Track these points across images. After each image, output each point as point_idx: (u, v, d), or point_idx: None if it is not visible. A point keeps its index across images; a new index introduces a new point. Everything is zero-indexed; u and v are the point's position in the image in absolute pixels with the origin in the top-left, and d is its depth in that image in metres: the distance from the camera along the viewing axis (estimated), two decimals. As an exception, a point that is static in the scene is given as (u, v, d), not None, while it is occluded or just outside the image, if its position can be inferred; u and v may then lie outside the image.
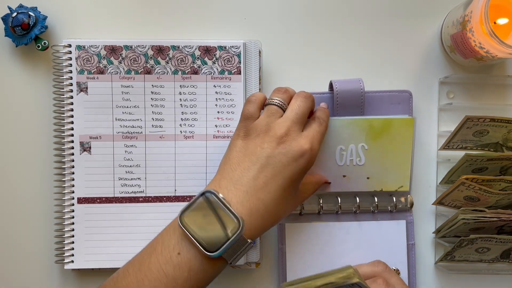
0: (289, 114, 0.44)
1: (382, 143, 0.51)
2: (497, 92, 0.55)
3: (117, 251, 0.52)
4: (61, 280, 0.54)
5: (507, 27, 0.49)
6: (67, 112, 0.52)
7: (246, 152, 0.42)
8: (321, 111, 0.48)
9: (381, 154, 0.51)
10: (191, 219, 0.39)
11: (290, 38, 0.55)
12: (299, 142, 0.42)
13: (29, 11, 0.52)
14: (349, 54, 0.55)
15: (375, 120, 0.50)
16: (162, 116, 0.52)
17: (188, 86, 0.52)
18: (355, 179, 0.51)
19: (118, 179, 0.52)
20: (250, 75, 0.53)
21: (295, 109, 0.44)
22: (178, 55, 0.52)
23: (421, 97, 0.54)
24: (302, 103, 0.45)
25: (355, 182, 0.52)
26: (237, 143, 0.43)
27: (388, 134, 0.51)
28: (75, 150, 0.52)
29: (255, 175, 0.40)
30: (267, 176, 0.41)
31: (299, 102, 0.45)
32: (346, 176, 0.51)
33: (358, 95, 0.51)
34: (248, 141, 0.43)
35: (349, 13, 0.55)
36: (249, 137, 0.43)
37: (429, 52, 0.55)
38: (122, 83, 0.52)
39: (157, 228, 0.52)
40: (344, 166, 0.51)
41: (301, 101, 0.45)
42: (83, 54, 0.52)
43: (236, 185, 0.40)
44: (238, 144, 0.43)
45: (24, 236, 0.54)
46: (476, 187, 0.47)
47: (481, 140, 0.50)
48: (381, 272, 0.46)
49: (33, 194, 0.54)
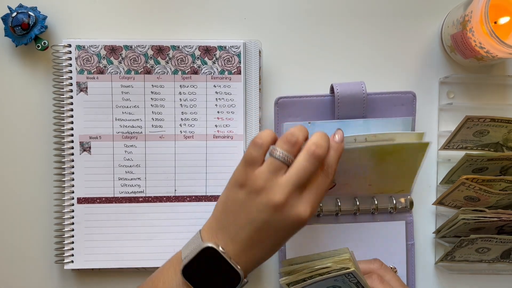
0: (292, 176, 0.40)
1: (391, 161, 0.48)
2: (497, 92, 0.55)
3: (117, 251, 0.52)
4: (61, 280, 0.54)
5: (507, 27, 0.49)
6: (67, 112, 0.52)
7: (243, 208, 0.40)
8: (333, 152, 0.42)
9: (387, 170, 0.49)
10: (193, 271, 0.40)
11: (290, 38, 0.55)
12: (298, 210, 0.40)
13: (29, 11, 0.52)
14: (349, 54, 0.55)
15: (388, 146, 0.46)
16: (162, 116, 0.52)
17: (188, 86, 0.52)
18: (356, 186, 0.51)
19: (118, 179, 0.52)
20: (250, 75, 0.53)
21: (300, 172, 0.40)
22: (178, 55, 0.52)
23: (421, 97, 0.54)
24: (308, 165, 0.40)
25: (356, 188, 0.51)
26: (235, 193, 0.41)
27: (400, 155, 0.47)
28: (75, 150, 0.52)
29: (250, 235, 0.40)
30: (262, 236, 0.40)
31: (306, 164, 0.40)
32: (347, 184, 0.51)
33: (360, 98, 0.50)
34: (246, 196, 0.40)
35: (349, 13, 0.55)
36: (248, 190, 0.40)
37: (429, 52, 0.55)
38: (122, 83, 0.52)
39: (157, 228, 0.52)
40: (347, 175, 0.50)
41: (308, 162, 0.40)
42: (83, 54, 0.51)
43: (232, 241, 0.40)
44: (236, 195, 0.41)
45: (24, 236, 0.54)
46: (476, 187, 0.47)
47: (481, 140, 0.50)
48: (377, 269, 0.47)
49: (33, 194, 0.54)
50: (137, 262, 0.52)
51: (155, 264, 0.52)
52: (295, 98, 0.51)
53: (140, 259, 0.52)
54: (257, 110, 0.53)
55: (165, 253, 0.52)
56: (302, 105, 0.51)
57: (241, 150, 0.52)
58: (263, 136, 0.41)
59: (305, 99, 0.51)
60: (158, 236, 0.52)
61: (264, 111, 0.54)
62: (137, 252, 0.52)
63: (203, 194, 0.52)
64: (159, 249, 0.52)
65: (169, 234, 0.52)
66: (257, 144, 0.41)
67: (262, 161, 0.41)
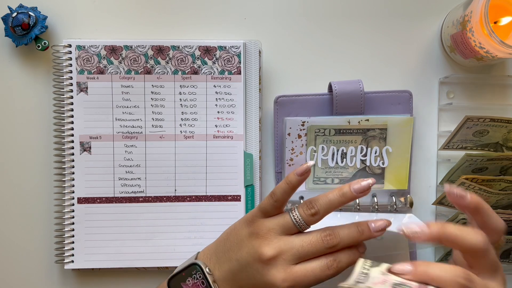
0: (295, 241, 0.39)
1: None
2: (497, 92, 0.55)
3: (117, 251, 0.52)
4: (61, 280, 0.54)
5: (507, 27, 0.49)
6: (67, 112, 0.52)
7: (239, 244, 0.41)
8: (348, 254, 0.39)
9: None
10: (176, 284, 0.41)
11: (290, 38, 0.55)
12: (276, 276, 0.38)
13: (29, 11, 0.52)
14: (349, 54, 0.55)
15: None
16: (162, 116, 0.52)
17: (188, 86, 0.52)
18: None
19: (118, 179, 0.52)
20: (250, 75, 0.53)
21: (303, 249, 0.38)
22: (178, 55, 0.52)
23: (421, 97, 0.54)
24: (314, 246, 0.38)
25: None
26: (240, 228, 0.41)
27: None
28: (75, 150, 0.52)
29: (232, 270, 0.40)
30: (240, 277, 0.40)
31: (314, 245, 0.38)
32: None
33: (357, 96, 0.51)
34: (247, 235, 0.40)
35: (349, 13, 0.55)
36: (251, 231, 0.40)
37: (429, 52, 0.55)
38: (122, 83, 0.52)
39: (157, 228, 0.52)
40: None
41: (315, 242, 0.38)
42: (83, 54, 0.52)
43: (219, 268, 0.41)
44: (240, 230, 0.41)
45: (24, 236, 0.54)
46: (476, 187, 0.47)
47: (481, 140, 0.50)
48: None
49: (33, 194, 0.54)
50: (137, 262, 0.52)
51: (155, 264, 0.52)
52: (294, 97, 0.52)
53: (140, 259, 0.52)
54: (257, 110, 0.53)
55: (165, 253, 0.52)
56: (301, 103, 0.52)
57: (241, 150, 0.52)
58: (278, 193, 0.40)
59: (304, 97, 0.52)
60: (158, 236, 0.52)
61: (264, 111, 0.54)
62: (137, 252, 0.52)
63: (203, 194, 0.52)
64: (159, 249, 0.52)
65: (169, 234, 0.52)
66: (273, 199, 0.40)
67: (275, 214, 0.41)
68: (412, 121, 0.51)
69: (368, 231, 0.38)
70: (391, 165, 0.52)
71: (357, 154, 0.51)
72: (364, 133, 0.51)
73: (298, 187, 0.40)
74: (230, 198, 0.52)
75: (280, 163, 0.53)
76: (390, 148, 0.51)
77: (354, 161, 0.52)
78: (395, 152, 0.51)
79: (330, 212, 0.39)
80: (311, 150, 0.51)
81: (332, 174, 0.52)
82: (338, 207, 0.39)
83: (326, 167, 0.52)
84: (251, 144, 0.53)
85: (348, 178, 0.52)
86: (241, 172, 0.52)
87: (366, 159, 0.52)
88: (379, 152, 0.51)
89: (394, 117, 0.51)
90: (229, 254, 0.41)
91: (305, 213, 0.39)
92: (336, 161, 0.52)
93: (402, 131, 0.51)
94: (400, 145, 0.51)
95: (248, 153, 0.52)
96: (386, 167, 0.52)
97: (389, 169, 0.52)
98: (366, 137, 0.51)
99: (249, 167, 0.52)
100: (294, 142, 0.51)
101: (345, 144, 0.51)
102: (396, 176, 0.52)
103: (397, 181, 0.52)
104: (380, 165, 0.52)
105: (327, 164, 0.52)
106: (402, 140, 0.51)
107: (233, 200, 0.52)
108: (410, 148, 0.52)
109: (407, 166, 0.52)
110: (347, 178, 0.52)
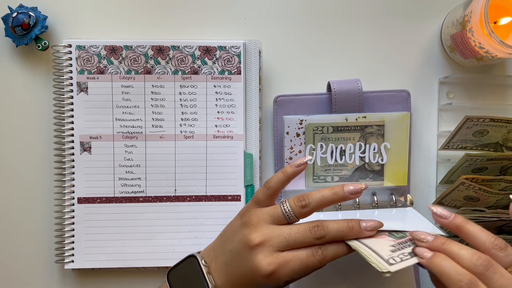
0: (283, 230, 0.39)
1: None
2: (497, 92, 0.55)
3: (117, 251, 0.52)
4: (61, 280, 0.54)
5: (507, 27, 0.49)
6: (67, 112, 0.52)
7: (233, 235, 0.41)
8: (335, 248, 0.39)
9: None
10: (177, 276, 0.42)
11: (290, 38, 0.55)
12: (262, 261, 0.38)
13: (29, 11, 0.52)
14: (349, 54, 0.55)
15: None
16: (162, 116, 0.52)
17: (188, 86, 0.52)
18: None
19: (118, 179, 0.52)
20: (250, 75, 0.53)
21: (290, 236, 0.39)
22: (178, 55, 0.52)
23: (421, 97, 0.54)
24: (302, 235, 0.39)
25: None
26: (235, 221, 0.43)
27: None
28: (75, 150, 0.52)
29: (227, 261, 0.41)
30: (233, 267, 0.41)
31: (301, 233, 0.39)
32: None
33: (356, 95, 0.51)
34: (239, 225, 0.41)
35: (349, 13, 0.55)
36: (243, 221, 0.41)
37: (429, 52, 0.55)
38: (122, 83, 0.52)
39: (157, 228, 0.52)
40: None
41: (303, 231, 0.39)
42: (83, 54, 0.52)
43: (216, 261, 0.42)
44: (234, 222, 0.43)
45: (24, 236, 0.54)
46: (476, 187, 0.47)
47: (481, 140, 0.50)
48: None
49: (34, 194, 0.54)
50: (137, 262, 0.52)
51: (155, 264, 0.52)
52: (293, 97, 0.53)
53: (140, 259, 0.52)
54: (257, 110, 0.53)
55: (165, 253, 0.52)
56: (300, 103, 0.53)
57: (241, 150, 0.52)
58: (272, 181, 0.42)
59: (303, 97, 0.53)
60: (158, 236, 0.52)
61: (264, 111, 0.54)
62: (137, 252, 0.52)
63: (203, 194, 0.52)
64: (159, 249, 0.52)
65: (169, 234, 0.52)
66: (269, 188, 0.42)
67: (268, 204, 0.42)
68: (408, 116, 0.51)
69: (358, 228, 0.39)
70: (390, 161, 0.52)
71: (356, 151, 0.52)
72: (362, 130, 0.51)
73: (292, 178, 0.42)
74: (230, 198, 0.52)
75: (280, 163, 0.53)
76: (389, 145, 0.51)
77: (353, 158, 0.52)
78: (393, 148, 0.52)
79: (321, 207, 0.40)
80: (310, 148, 0.52)
81: (332, 172, 0.52)
82: (329, 204, 0.40)
83: (325, 165, 0.52)
84: (251, 144, 0.53)
85: (348, 176, 0.52)
86: (241, 172, 0.52)
87: (365, 156, 0.52)
88: (377, 148, 0.51)
89: (391, 114, 0.51)
90: (224, 247, 0.42)
91: (295, 204, 0.40)
92: (335, 159, 0.52)
93: (399, 127, 0.51)
94: (398, 141, 0.52)
95: (248, 153, 0.52)
96: (385, 164, 0.52)
97: (388, 166, 0.52)
98: (364, 134, 0.51)
99: (249, 167, 0.52)
100: (292, 141, 0.52)
101: (343, 141, 0.51)
102: (396, 173, 0.52)
103: (397, 178, 0.52)
104: (379, 161, 0.52)
105: (326, 162, 0.52)
106: (399, 136, 0.51)
107: (233, 200, 0.52)
108: (408, 144, 0.52)
109: (406, 162, 0.52)
110: (347, 175, 0.52)
